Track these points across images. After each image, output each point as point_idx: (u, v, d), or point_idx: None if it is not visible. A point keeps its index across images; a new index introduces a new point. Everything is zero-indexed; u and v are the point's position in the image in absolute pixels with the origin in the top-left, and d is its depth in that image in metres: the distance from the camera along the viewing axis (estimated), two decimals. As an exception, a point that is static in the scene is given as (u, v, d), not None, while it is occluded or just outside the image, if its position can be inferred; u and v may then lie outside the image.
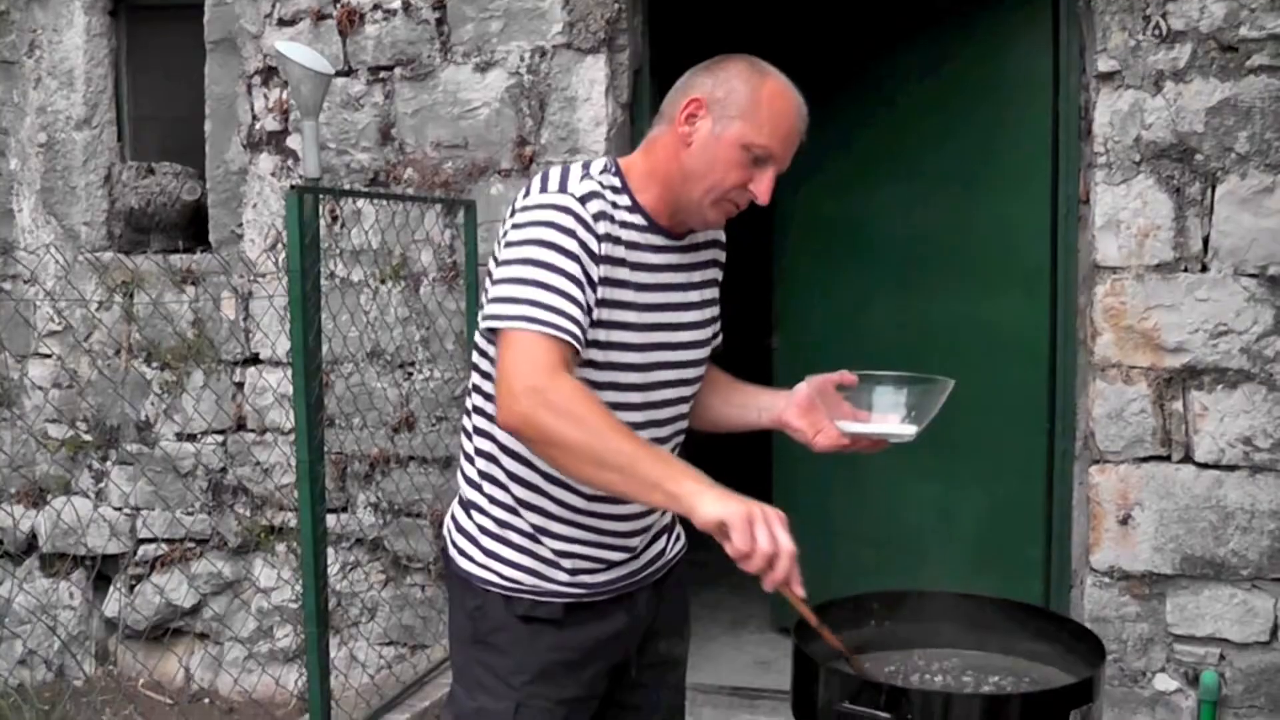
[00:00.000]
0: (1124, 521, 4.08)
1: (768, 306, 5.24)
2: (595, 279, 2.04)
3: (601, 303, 2.07)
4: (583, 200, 2.05)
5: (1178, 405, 4.01)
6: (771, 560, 1.79)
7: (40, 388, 5.40)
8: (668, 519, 2.41)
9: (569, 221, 2.03)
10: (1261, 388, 3.93)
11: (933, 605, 2.42)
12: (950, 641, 2.37)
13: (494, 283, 2.04)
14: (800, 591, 1.87)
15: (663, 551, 2.39)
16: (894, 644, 2.36)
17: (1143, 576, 4.08)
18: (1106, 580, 4.11)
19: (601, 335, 2.09)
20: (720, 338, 2.44)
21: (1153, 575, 4.07)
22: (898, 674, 2.23)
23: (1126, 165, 4.02)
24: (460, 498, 2.30)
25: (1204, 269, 3.97)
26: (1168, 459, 4.05)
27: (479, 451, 2.23)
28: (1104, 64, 4.03)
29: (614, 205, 2.11)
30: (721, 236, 2.38)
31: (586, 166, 2.15)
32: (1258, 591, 3.99)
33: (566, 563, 2.20)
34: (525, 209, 2.07)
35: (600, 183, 2.11)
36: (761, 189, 2.11)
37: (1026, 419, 4.48)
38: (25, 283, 5.39)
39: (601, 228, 2.06)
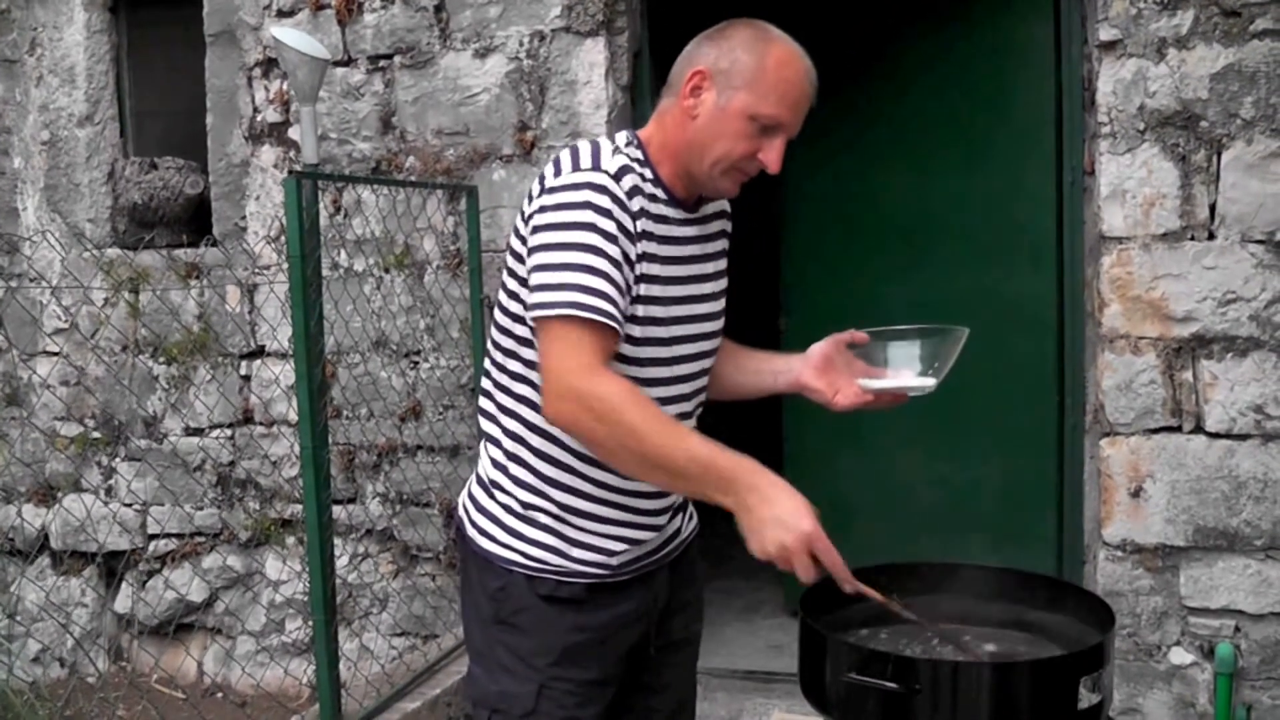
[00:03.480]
0: (1135, 494, 4.05)
1: (776, 287, 5.22)
2: (633, 257, 2.03)
3: (640, 278, 2.07)
4: (616, 177, 2.03)
5: (1187, 375, 3.98)
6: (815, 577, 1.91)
7: (48, 385, 5.40)
8: (682, 498, 2.39)
9: (605, 201, 2.00)
10: (1272, 355, 3.89)
11: (940, 577, 2.40)
12: (959, 613, 2.36)
13: (535, 268, 2.01)
14: (848, 587, 2.00)
15: (679, 530, 2.39)
16: (901, 616, 2.35)
17: (1155, 549, 4.05)
18: (1119, 554, 4.08)
19: (640, 310, 2.08)
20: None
21: (1165, 547, 4.04)
22: (905, 645, 2.21)
23: (1131, 134, 3.98)
24: (479, 477, 2.28)
25: (1211, 237, 3.93)
26: (1178, 430, 4.01)
27: (505, 431, 2.20)
28: (1106, 33, 3.99)
29: (643, 179, 2.09)
30: (727, 207, 2.36)
31: (614, 140, 2.13)
32: (1272, 561, 3.95)
33: (594, 541, 2.19)
34: (558, 188, 2.03)
35: (628, 155, 2.09)
36: (771, 157, 2.09)
37: (1036, 392, 4.46)
38: (31, 280, 5.39)
39: (636, 204, 2.05)
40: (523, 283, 2.08)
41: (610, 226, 1.99)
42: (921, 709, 1.90)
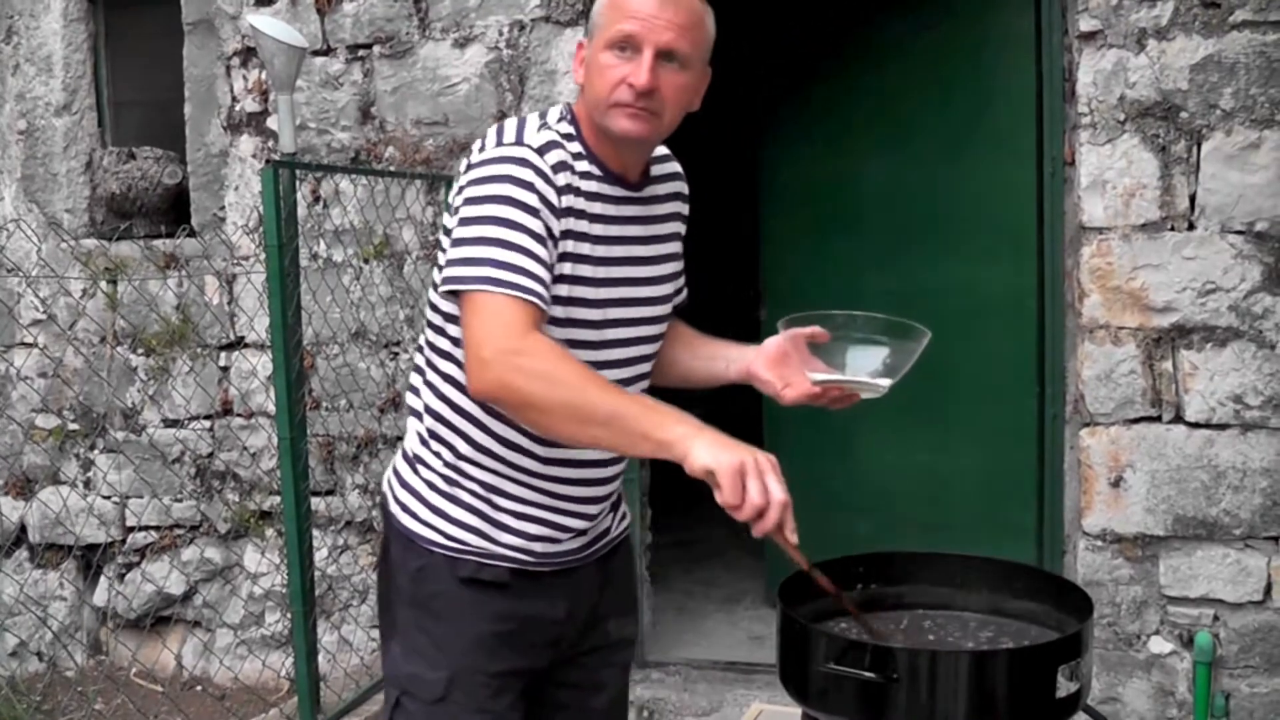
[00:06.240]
0: (1115, 484, 4.05)
1: (756, 277, 5.21)
2: (557, 233, 1.98)
3: (563, 256, 2.01)
4: (540, 151, 1.99)
5: (1167, 365, 3.99)
6: (761, 511, 1.75)
7: (25, 377, 5.36)
8: (616, 496, 2.36)
9: (528, 174, 1.96)
10: (1251, 345, 3.90)
11: (919, 567, 2.39)
12: (937, 602, 2.35)
13: (454, 242, 1.97)
14: (793, 539, 1.82)
15: (608, 530, 2.33)
16: (880, 606, 2.34)
17: (1135, 538, 4.06)
18: (1099, 543, 4.09)
19: (564, 290, 2.02)
20: (684, 293, 2.36)
21: (1145, 537, 4.05)
22: (885, 634, 2.20)
23: (1111, 125, 3.99)
24: (405, 452, 2.23)
25: (1191, 227, 3.94)
26: (1158, 419, 4.02)
27: (428, 408, 2.16)
28: (1086, 23, 3.99)
29: (573, 155, 2.04)
30: (684, 189, 2.31)
31: (544, 116, 2.09)
32: (1250, 550, 3.96)
33: (518, 524, 2.13)
34: (482, 163, 2.00)
35: (558, 132, 2.04)
36: (636, 71, 1.98)
37: (1016, 383, 4.46)
38: (8, 271, 5.35)
39: (561, 179, 2.00)
40: None
41: (531, 199, 1.95)
42: (899, 698, 1.90)
